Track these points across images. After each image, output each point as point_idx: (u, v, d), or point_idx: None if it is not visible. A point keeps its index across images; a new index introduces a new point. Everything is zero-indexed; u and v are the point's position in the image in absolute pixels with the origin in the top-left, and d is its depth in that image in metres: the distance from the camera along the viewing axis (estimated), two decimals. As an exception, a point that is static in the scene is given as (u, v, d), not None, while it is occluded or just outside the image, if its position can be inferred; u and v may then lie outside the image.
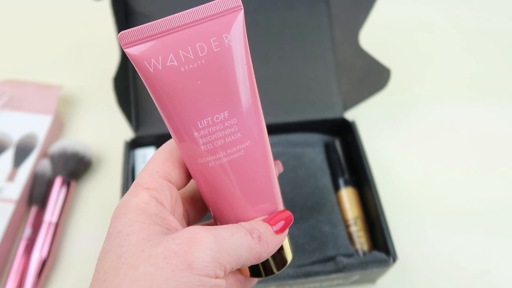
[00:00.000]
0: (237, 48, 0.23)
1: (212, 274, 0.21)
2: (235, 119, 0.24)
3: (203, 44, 0.22)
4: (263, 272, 0.27)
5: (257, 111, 0.24)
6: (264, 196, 0.26)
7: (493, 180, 0.53)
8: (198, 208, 0.29)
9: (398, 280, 0.46)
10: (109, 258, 0.21)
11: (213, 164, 0.24)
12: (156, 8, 0.51)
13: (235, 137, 0.24)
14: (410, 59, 0.64)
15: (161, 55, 0.22)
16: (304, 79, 0.52)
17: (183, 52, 0.22)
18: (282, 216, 0.26)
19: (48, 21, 0.68)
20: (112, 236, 0.22)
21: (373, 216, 0.45)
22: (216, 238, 0.22)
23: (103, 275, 0.21)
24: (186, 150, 0.24)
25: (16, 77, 0.60)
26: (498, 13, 0.69)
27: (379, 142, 0.56)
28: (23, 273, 0.44)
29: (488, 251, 0.48)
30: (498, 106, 0.59)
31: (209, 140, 0.24)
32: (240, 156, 0.24)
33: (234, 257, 0.22)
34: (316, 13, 0.53)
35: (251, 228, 0.24)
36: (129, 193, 0.24)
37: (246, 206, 0.26)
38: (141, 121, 0.50)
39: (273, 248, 0.25)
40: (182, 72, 0.22)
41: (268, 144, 0.26)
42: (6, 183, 0.49)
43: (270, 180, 0.26)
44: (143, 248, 0.21)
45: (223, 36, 0.22)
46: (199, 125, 0.23)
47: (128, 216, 0.22)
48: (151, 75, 0.22)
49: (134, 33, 0.22)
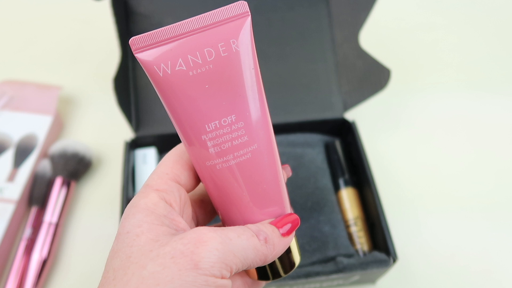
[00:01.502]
0: (244, 53, 0.23)
1: (218, 274, 0.21)
2: (242, 123, 0.24)
3: (211, 49, 0.23)
4: (271, 275, 0.27)
5: (265, 115, 0.25)
6: (271, 199, 0.26)
7: (494, 180, 0.53)
8: (207, 211, 0.29)
9: (398, 280, 0.46)
10: (119, 258, 0.22)
11: (221, 167, 0.25)
12: (156, 9, 0.51)
13: (242, 140, 0.24)
14: (410, 59, 0.64)
15: (170, 60, 0.23)
16: (304, 79, 0.52)
17: (191, 57, 0.23)
18: (289, 219, 0.26)
19: (48, 21, 0.68)
20: (122, 236, 0.22)
21: (373, 216, 0.45)
22: (222, 239, 0.22)
23: (112, 274, 0.21)
24: (194, 153, 0.25)
25: (16, 77, 0.60)
26: (499, 13, 0.69)
27: (379, 142, 0.56)
28: (23, 273, 0.44)
29: (489, 252, 0.48)
30: (499, 106, 0.59)
31: (217, 143, 0.24)
32: (247, 159, 0.25)
33: (240, 258, 0.23)
34: (316, 13, 0.53)
35: (258, 230, 0.24)
36: (139, 194, 0.24)
37: (253, 209, 0.26)
38: (141, 121, 0.50)
39: (280, 251, 0.25)
40: (190, 76, 0.23)
41: (276, 148, 0.26)
42: (6, 183, 0.49)
43: (278, 184, 0.26)
44: (152, 248, 0.21)
45: (231, 42, 0.23)
46: (207, 128, 0.24)
47: (137, 217, 0.23)
48: (161, 79, 0.23)
49: (145, 39, 0.23)
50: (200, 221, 0.29)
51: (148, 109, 0.51)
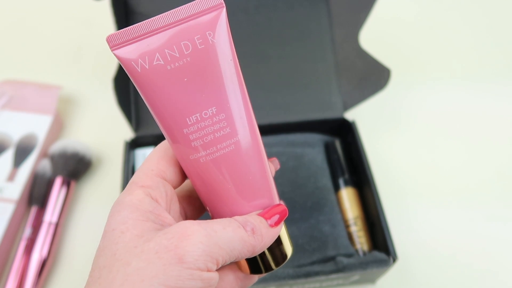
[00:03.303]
0: (221, 45, 0.23)
1: (203, 267, 0.21)
2: (223, 115, 0.24)
3: (187, 42, 0.23)
4: (263, 268, 0.27)
5: (246, 106, 0.25)
6: (258, 191, 0.26)
7: (496, 180, 0.53)
8: (196, 206, 0.29)
9: (398, 280, 0.46)
10: (104, 256, 0.22)
11: (205, 160, 0.25)
12: (156, 8, 0.51)
13: (224, 132, 0.24)
14: (410, 59, 0.64)
15: (148, 55, 0.23)
16: (304, 79, 0.52)
17: (168, 51, 0.23)
18: (277, 210, 0.26)
19: (48, 21, 0.68)
20: (107, 234, 0.22)
21: (373, 216, 0.45)
22: (207, 231, 0.22)
23: (98, 272, 0.21)
24: (177, 147, 0.25)
25: (16, 77, 0.60)
26: (499, 12, 0.69)
27: (379, 142, 0.56)
28: (23, 273, 0.44)
29: (490, 252, 0.48)
30: (500, 106, 0.59)
31: (199, 136, 0.24)
32: (231, 151, 0.25)
33: (227, 250, 0.23)
34: (316, 13, 0.53)
35: (245, 221, 0.24)
36: (124, 191, 0.24)
37: (240, 202, 0.26)
38: (141, 121, 0.50)
39: (268, 241, 0.25)
40: (168, 70, 0.23)
41: (260, 139, 0.26)
42: (6, 183, 0.49)
43: (264, 175, 0.26)
44: (136, 244, 0.21)
45: (207, 34, 0.23)
46: (188, 122, 0.24)
47: (122, 214, 0.23)
48: (139, 75, 0.23)
49: (121, 35, 0.23)
50: (189, 217, 0.29)
51: (148, 109, 0.51)
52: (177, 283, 0.20)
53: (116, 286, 0.20)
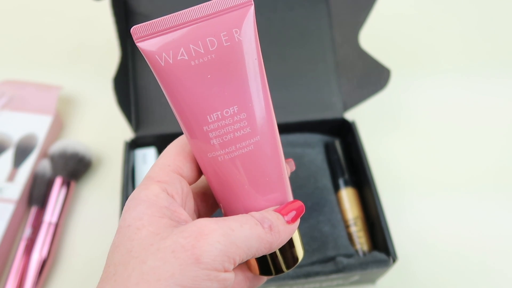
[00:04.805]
0: (247, 43, 0.23)
1: (220, 267, 0.21)
2: (245, 114, 0.24)
3: (213, 39, 0.22)
4: (274, 270, 0.27)
5: (268, 107, 0.25)
6: (274, 190, 0.26)
7: (499, 179, 0.53)
8: (209, 204, 0.29)
9: (398, 280, 0.46)
10: (119, 252, 0.21)
11: (223, 159, 0.24)
12: (156, 9, 0.51)
13: (244, 132, 0.24)
14: (410, 58, 0.64)
15: (172, 49, 0.22)
16: (304, 79, 0.52)
17: (193, 46, 0.22)
18: (294, 206, 0.26)
19: (48, 21, 0.68)
20: (123, 229, 0.22)
21: (373, 216, 0.45)
22: (224, 230, 0.22)
23: (113, 269, 0.21)
24: (196, 144, 0.24)
25: (16, 77, 0.60)
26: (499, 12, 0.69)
27: (379, 142, 0.56)
28: (23, 273, 0.44)
29: (490, 252, 0.47)
30: (501, 106, 0.59)
31: (219, 134, 0.24)
32: (249, 151, 0.24)
33: (244, 249, 0.22)
34: (316, 13, 0.53)
35: (262, 218, 0.24)
36: (140, 186, 0.24)
37: (256, 198, 0.25)
38: (141, 121, 0.50)
39: (285, 238, 0.25)
40: (192, 66, 0.23)
41: (279, 140, 0.26)
42: (6, 183, 0.49)
43: (281, 177, 0.26)
44: (152, 242, 0.21)
45: (233, 31, 0.23)
46: (209, 119, 0.23)
47: (138, 209, 0.22)
48: (162, 69, 0.23)
49: (146, 28, 0.22)
50: (202, 214, 0.28)
51: (148, 109, 0.51)
52: (193, 283, 0.20)
53: (132, 284, 0.20)
